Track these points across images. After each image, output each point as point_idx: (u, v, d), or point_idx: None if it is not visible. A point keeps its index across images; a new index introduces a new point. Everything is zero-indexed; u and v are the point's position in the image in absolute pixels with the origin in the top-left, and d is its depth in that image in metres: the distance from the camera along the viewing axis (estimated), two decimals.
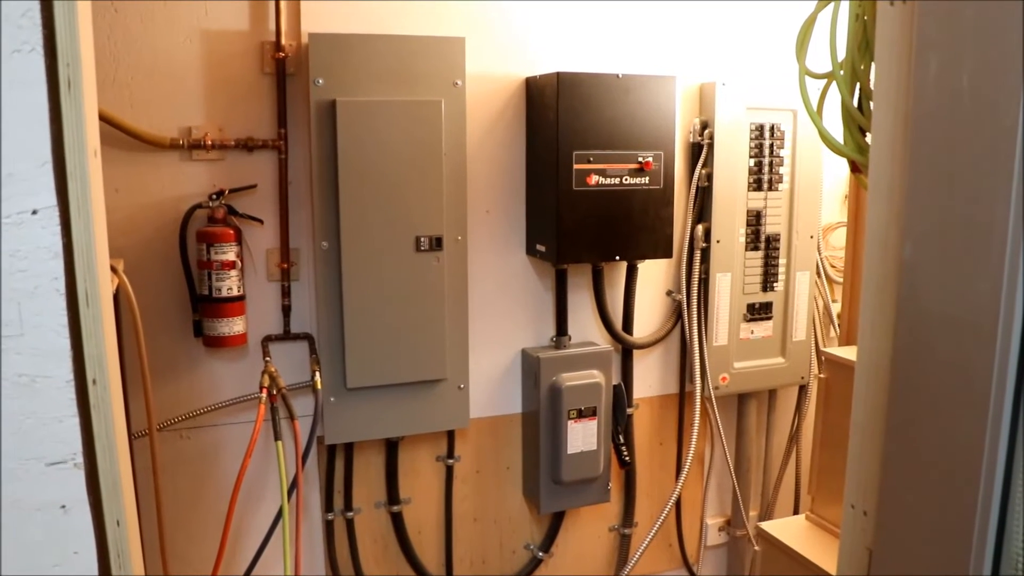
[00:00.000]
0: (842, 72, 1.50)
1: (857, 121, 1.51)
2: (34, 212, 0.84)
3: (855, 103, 1.51)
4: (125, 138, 2.17)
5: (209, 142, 2.23)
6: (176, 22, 2.20)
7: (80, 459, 0.89)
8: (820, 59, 1.60)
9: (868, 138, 1.43)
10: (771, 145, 2.75)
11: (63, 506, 0.90)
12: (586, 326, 2.76)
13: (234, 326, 2.25)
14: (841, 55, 1.50)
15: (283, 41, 2.26)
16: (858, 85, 1.50)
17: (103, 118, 2.12)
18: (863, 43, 1.46)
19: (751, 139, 2.73)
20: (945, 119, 1.06)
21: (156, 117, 2.21)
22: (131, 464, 1.98)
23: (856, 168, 1.60)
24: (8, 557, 0.89)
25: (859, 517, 1.29)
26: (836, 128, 1.58)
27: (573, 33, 2.58)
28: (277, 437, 2.23)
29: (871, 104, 1.33)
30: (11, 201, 0.84)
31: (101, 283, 0.91)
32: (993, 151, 0.98)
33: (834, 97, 1.57)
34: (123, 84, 2.18)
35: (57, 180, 0.85)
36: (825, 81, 1.66)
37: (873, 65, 1.28)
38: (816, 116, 1.64)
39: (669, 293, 2.85)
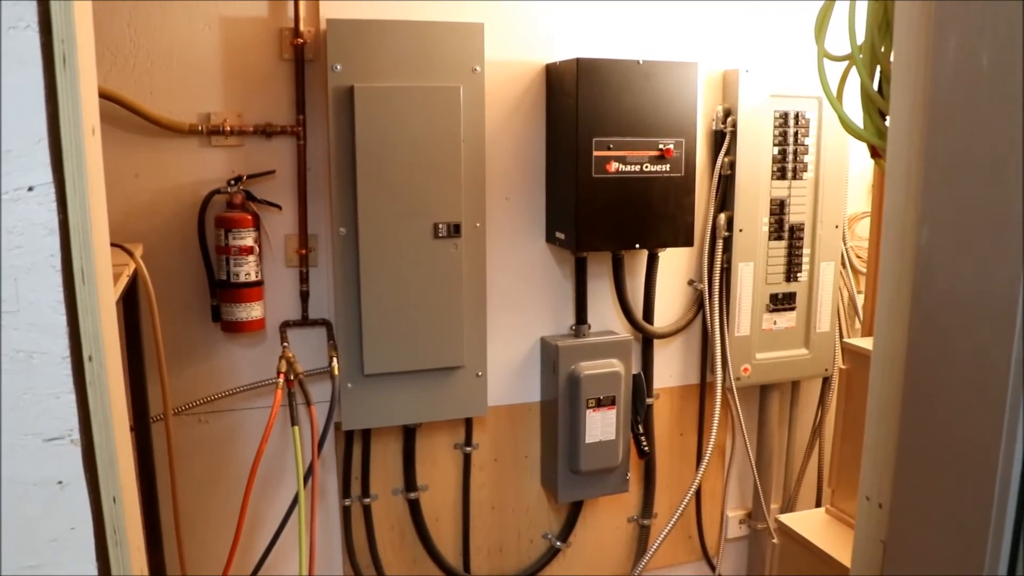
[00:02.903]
0: (861, 55, 1.47)
1: (877, 104, 1.48)
2: (30, 189, 0.84)
3: (875, 86, 1.48)
4: (145, 124, 2.18)
5: (228, 128, 2.23)
6: (195, 9, 2.20)
7: (77, 435, 0.89)
8: (841, 42, 1.57)
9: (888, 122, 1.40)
10: (795, 133, 2.71)
11: (60, 482, 0.90)
12: (606, 315, 2.74)
13: (252, 311, 2.26)
14: (861, 37, 1.47)
15: (301, 27, 2.26)
16: (878, 68, 1.47)
17: (124, 104, 2.13)
18: (883, 24, 1.43)
19: (775, 127, 2.69)
20: (964, 100, 1.03)
21: (176, 103, 2.22)
22: (149, 445, 2.01)
23: (876, 153, 1.57)
24: (6, 532, 0.89)
25: (874, 509, 1.27)
26: (857, 113, 1.55)
27: (594, 19, 2.56)
28: (294, 423, 2.24)
29: (891, 88, 1.30)
30: (7, 178, 0.84)
31: (98, 261, 0.91)
32: (1013, 133, 0.95)
33: (854, 81, 1.54)
34: (143, 70, 2.19)
35: (53, 157, 0.85)
36: (845, 65, 1.62)
37: None
38: (835, 100, 1.61)
39: (691, 282, 2.83)
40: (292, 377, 2.27)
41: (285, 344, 2.33)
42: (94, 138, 0.94)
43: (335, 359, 2.32)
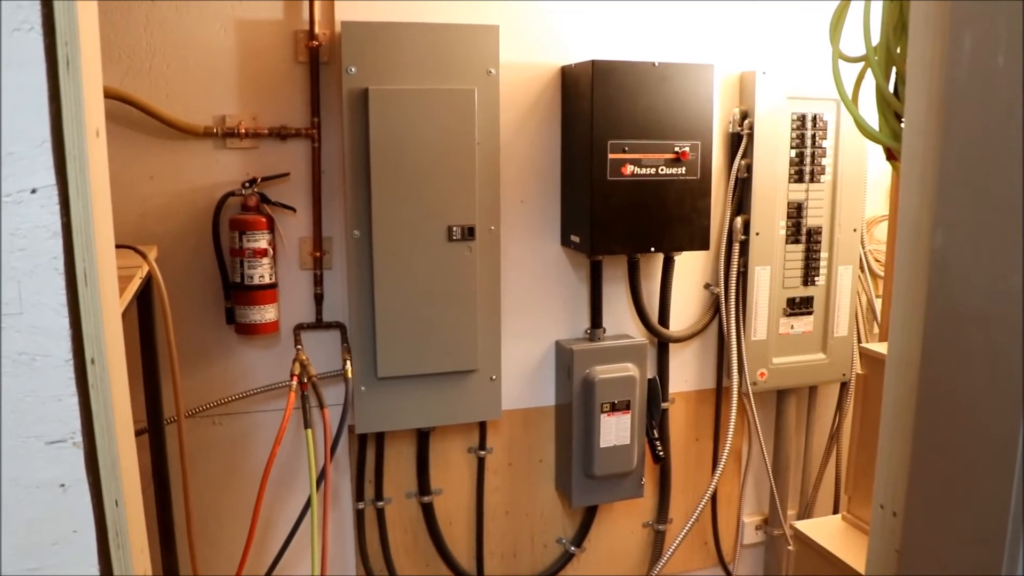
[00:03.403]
0: (876, 56, 1.45)
1: (892, 106, 1.46)
2: (33, 191, 0.85)
3: (891, 88, 1.46)
4: (160, 126, 2.19)
5: (243, 130, 2.24)
6: (211, 12, 2.21)
7: (79, 438, 0.89)
8: (857, 43, 1.55)
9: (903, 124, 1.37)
10: (813, 136, 2.68)
11: (62, 485, 0.90)
12: (621, 319, 2.73)
13: (266, 314, 2.27)
14: (876, 38, 1.45)
15: (316, 30, 2.26)
16: (894, 70, 1.45)
17: (139, 107, 2.14)
18: (899, 24, 1.40)
19: (792, 129, 2.66)
20: (979, 100, 1.02)
21: (191, 106, 2.23)
22: (163, 446, 2.01)
23: (892, 156, 1.55)
24: (8, 534, 0.89)
25: (888, 518, 1.25)
26: (873, 115, 1.52)
27: (609, 21, 2.55)
28: (307, 425, 2.24)
29: (906, 88, 1.28)
30: (10, 180, 0.84)
31: (102, 263, 0.90)
32: None
33: (870, 83, 1.52)
34: (159, 73, 2.20)
35: (56, 160, 0.85)
36: (861, 66, 1.60)
37: None
38: (850, 101, 1.59)
39: (707, 286, 2.81)
40: (306, 380, 2.28)
41: (299, 347, 2.34)
42: (98, 140, 0.94)
43: (349, 362, 2.32)
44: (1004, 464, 0.98)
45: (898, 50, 1.43)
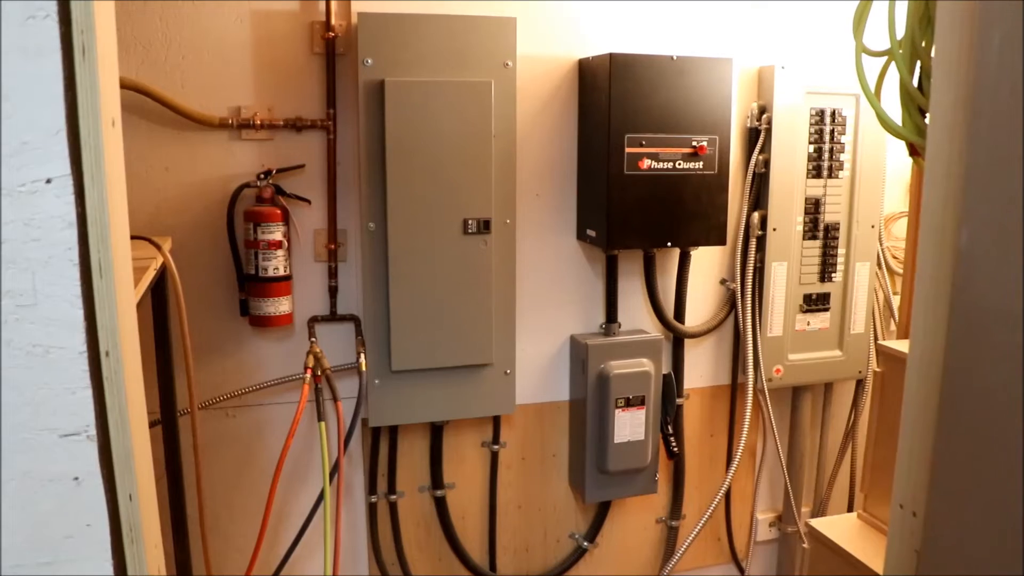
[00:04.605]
0: (901, 51, 1.42)
1: (916, 101, 1.43)
2: (48, 181, 0.84)
3: (915, 82, 1.43)
4: (176, 117, 2.19)
5: (258, 122, 2.23)
6: (227, 3, 2.20)
7: (93, 431, 0.89)
8: (880, 37, 1.53)
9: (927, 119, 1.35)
10: (832, 131, 2.65)
11: (76, 478, 0.89)
12: (636, 313, 2.71)
13: (280, 306, 2.26)
14: (901, 32, 1.43)
15: (333, 21, 2.25)
16: (918, 64, 1.43)
17: (154, 97, 2.14)
18: (924, 18, 1.38)
19: (811, 124, 2.64)
20: (1008, 97, 0.99)
21: (206, 97, 2.22)
22: (176, 439, 2.01)
23: (915, 151, 1.53)
24: (21, 527, 0.89)
25: (908, 518, 1.23)
26: (895, 110, 1.50)
27: (627, 13, 2.53)
28: (320, 418, 2.23)
29: (932, 83, 1.26)
30: (25, 169, 0.83)
31: (117, 254, 0.90)
32: None
33: (894, 77, 1.50)
34: (174, 64, 2.19)
35: (71, 149, 0.84)
36: (884, 60, 1.58)
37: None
38: (873, 96, 1.57)
39: (723, 282, 2.78)
40: (319, 372, 2.27)
41: (313, 339, 2.33)
42: (114, 130, 0.93)
43: (363, 355, 2.32)
44: None
45: (923, 44, 1.41)
